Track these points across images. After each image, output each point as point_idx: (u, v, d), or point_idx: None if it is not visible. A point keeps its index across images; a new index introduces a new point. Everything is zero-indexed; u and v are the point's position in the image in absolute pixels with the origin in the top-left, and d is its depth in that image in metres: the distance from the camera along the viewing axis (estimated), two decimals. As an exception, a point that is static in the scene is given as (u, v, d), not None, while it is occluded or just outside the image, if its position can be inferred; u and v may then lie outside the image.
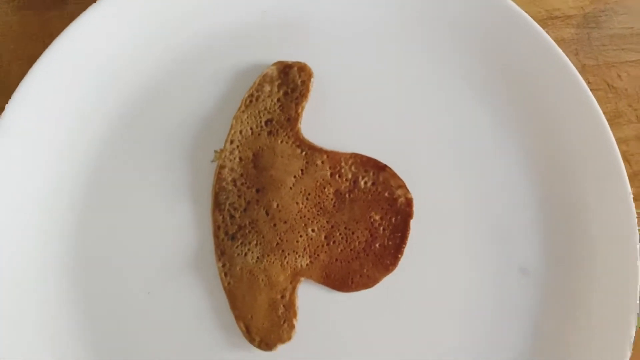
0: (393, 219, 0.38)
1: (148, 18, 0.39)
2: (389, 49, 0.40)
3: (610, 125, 0.38)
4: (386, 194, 0.38)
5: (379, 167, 0.38)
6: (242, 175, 0.38)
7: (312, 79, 0.39)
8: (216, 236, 0.38)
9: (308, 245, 0.38)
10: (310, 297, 0.38)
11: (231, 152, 0.39)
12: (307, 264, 0.38)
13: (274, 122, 0.39)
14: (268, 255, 0.37)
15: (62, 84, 0.38)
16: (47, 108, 0.38)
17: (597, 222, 0.38)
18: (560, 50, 0.38)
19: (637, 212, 0.37)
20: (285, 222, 0.38)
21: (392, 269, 0.38)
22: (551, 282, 0.38)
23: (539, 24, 0.38)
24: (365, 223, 0.38)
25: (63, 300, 0.38)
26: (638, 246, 0.36)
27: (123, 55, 0.39)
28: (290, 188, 0.38)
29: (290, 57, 0.39)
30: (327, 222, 0.38)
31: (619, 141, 0.39)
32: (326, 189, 0.38)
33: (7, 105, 0.37)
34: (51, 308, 0.38)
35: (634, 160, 0.42)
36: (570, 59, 0.38)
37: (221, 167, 0.38)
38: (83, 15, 0.38)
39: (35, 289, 0.38)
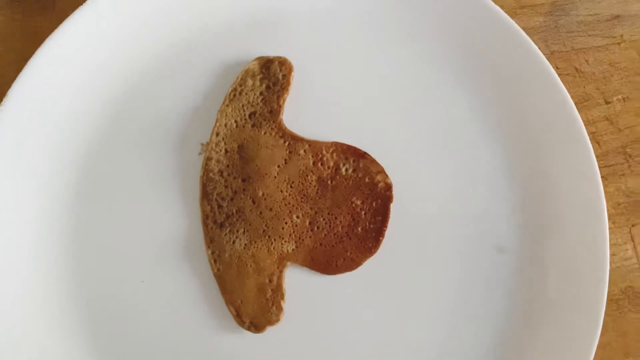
0: (374, 204, 0.40)
1: (134, 18, 0.41)
2: (365, 41, 0.42)
3: (579, 108, 0.39)
4: (366, 180, 0.40)
5: (359, 155, 0.40)
6: (228, 166, 0.40)
7: (292, 73, 0.41)
8: (205, 225, 0.40)
9: (293, 231, 0.39)
10: (297, 280, 0.39)
11: (217, 145, 0.40)
12: (293, 249, 0.39)
13: (257, 115, 0.40)
14: (255, 242, 0.39)
15: (52, 83, 0.40)
16: (39, 106, 0.40)
17: (569, 201, 0.39)
18: (528, 38, 0.40)
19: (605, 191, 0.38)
20: (270, 210, 0.39)
21: (374, 251, 0.39)
22: (525, 259, 0.40)
23: (508, 14, 0.40)
24: (347, 208, 0.40)
25: (59, 290, 0.39)
26: (607, 223, 0.38)
27: (111, 54, 0.41)
28: (275, 177, 0.40)
29: (271, 52, 0.41)
30: (311, 208, 0.40)
31: (588, 123, 0.40)
32: (309, 177, 0.40)
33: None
34: (49, 299, 0.39)
35: (603, 140, 0.43)
36: (539, 46, 0.40)
37: (208, 159, 0.40)
38: (72, 15, 0.40)
39: (32, 281, 0.39)
